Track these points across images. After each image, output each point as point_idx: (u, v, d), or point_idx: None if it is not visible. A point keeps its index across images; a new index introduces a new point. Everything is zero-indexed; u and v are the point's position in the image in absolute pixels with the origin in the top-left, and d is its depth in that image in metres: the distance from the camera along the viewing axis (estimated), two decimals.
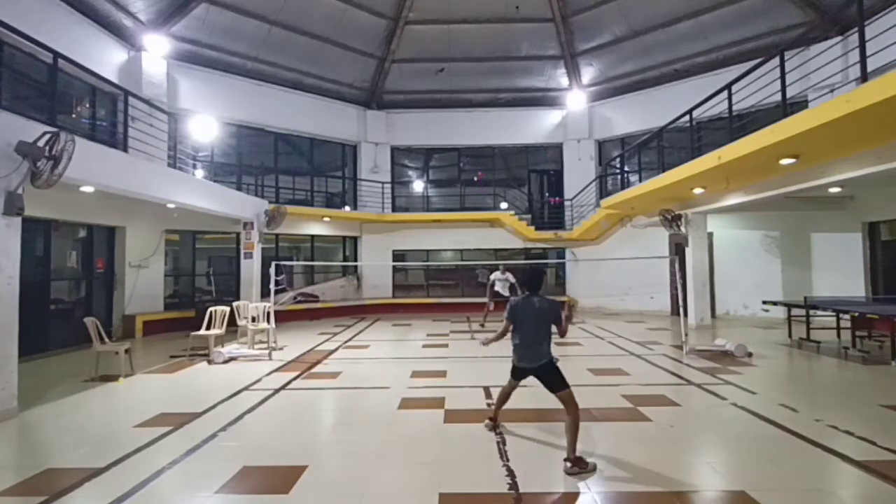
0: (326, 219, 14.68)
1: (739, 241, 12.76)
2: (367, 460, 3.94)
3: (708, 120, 10.26)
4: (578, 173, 15.81)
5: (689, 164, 8.62)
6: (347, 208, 15.69)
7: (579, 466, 3.64)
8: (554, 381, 4.01)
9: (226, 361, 7.81)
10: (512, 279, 11.69)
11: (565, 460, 3.70)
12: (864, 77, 5.14)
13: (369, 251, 15.90)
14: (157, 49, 11.51)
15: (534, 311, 4.11)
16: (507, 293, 11.54)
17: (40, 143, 5.12)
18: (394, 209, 16.10)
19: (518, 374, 4.31)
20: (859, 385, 6.36)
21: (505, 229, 15.58)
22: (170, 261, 12.01)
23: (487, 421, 4.65)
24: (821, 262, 11.69)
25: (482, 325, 11.74)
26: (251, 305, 9.42)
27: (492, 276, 11.96)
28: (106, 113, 10.99)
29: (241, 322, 9.19)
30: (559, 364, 4.12)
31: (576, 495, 3.34)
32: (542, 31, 14.53)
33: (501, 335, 4.37)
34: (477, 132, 16.25)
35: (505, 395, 4.63)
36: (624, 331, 10.89)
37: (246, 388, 6.21)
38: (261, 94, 13.96)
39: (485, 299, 11.99)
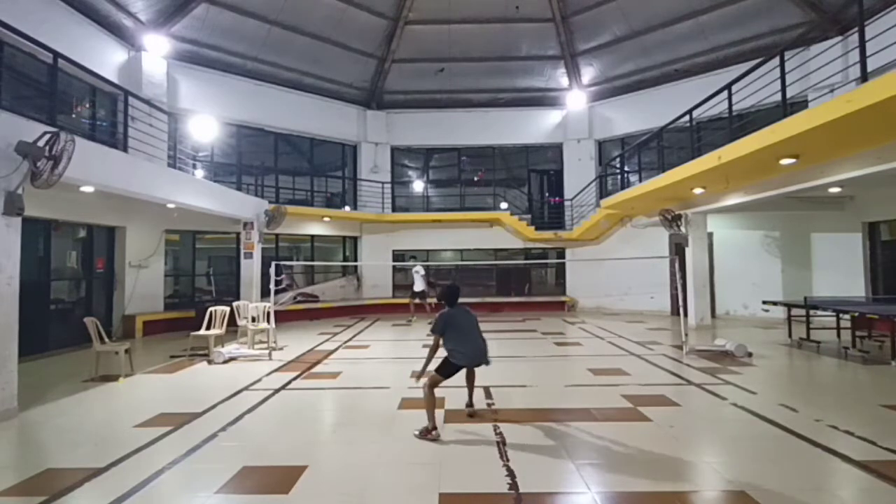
0: (326, 219, 14.68)
1: (739, 241, 12.76)
2: (367, 460, 3.94)
3: (708, 120, 10.26)
4: (578, 173, 15.81)
5: (689, 164, 8.62)
6: (347, 208, 15.69)
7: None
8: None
9: (226, 361, 7.81)
10: (423, 271, 12.34)
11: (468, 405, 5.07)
12: (864, 77, 5.14)
13: (369, 251, 15.90)
14: (157, 49, 11.51)
15: (469, 318, 4.85)
16: (421, 288, 12.27)
17: (40, 143, 5.12)
18: (394, 209, 16.10)
19: (454, 371, 4.71)
20: (859, 385, 6.36)
21: (505, 229, 15.59)
22: (170, 261, 12.00)
23: (433, 432, 4.38)
24: (821, 262, 11.69)
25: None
26: (251, 305, 9.42)
27: (413, 272, 12.48)
28: (106, 113, 10.99)
29: (241, 322, 9.19)
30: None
31: (576, 495, 3.34)
32: (542, 31, 14.53)
33: (434, 349, 4.69)
34: (477, 132, 16.25)
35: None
36: (624, 331, 10.89)
37: (246, 389, 6.21)
38: (261, 94, 13.96)
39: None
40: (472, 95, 16.22)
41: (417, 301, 12.67)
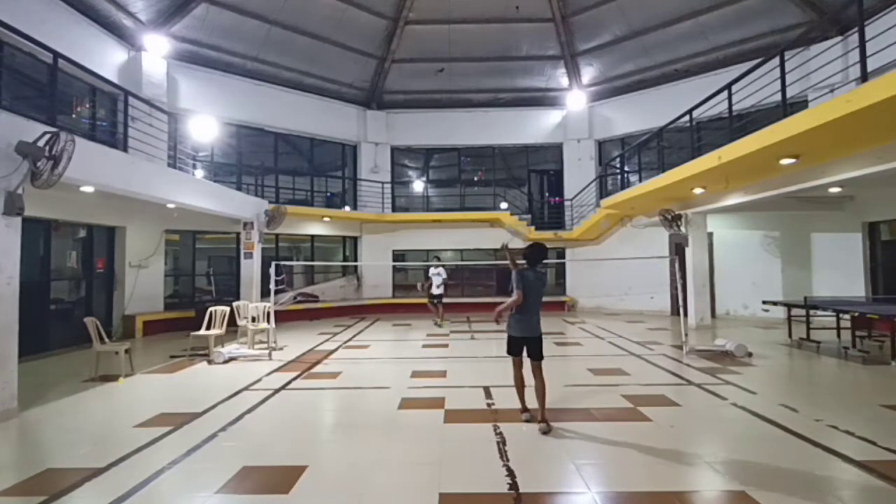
0: (326, 219, 14.68)
1: (739, 241, 12.76)
2: (367, 460, 3.94)
3: (708, 120, 10.26)
4: (578, 173, 15.81)
5: (689, 164, 8.61)
6: (347, 208, 15.69)
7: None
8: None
9: (226, 361, 7.81)
10: (444, 274, 12.16)
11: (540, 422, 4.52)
12: (864, 77, 5.14)
13: (369, 251, 15.90)
14: (157, 49, 11.50)
15: (539, 285, 4.71)
16: (440, 291, 12.06)
17: (40, 143, 5.13)
18: (394, 209, 16.10)
19: (515, 347, 4.72)
20: (859, 385, 6.36)
21: (505, 229, 15.58)
22: (170, 261, 12.00)
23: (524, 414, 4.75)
24: (821, 262, 11.69)
25: (439, 325, 12.09)
26: (251, 305, 9.42)
27: (430, 273, 12.25)
28: (106, 113, 10.99)
29: (241, 322, 9.19)
30: None
31: (576, 495, 3.34)
32: (542, 31, 14.53)
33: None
34: (477, 132, 16.25)
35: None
36: (624, 331, 10.89)
37: (246, 388, 6.21)
38: (261, 94, 13.96)
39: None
40: (472, 95, 16.22)
41: (434, 303, 12.21)
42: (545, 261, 4.91)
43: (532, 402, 4.68)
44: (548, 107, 16.23)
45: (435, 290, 12.05)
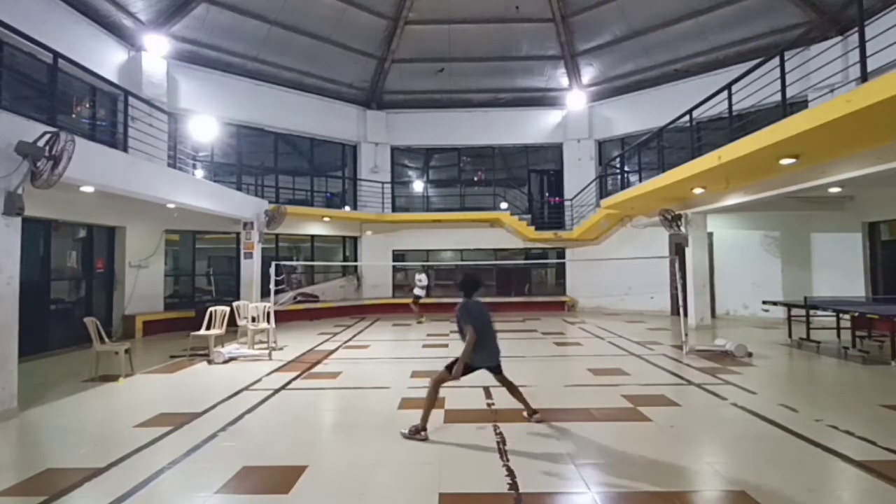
0: (326, 219, 14.68)
1: (739, 241, 12.76)
2: (367, 460, 3.94)
3: (708, 120, 10.26)
4: (578, 173, 15.82)
5: (689, 164, 8.61)
6: (347, 208, 15.69)
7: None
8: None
9: (226, 361, 7.81)
10: (425, 282, 12.96)
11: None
12: (864, 77, 5.14)
13: (369, 251, 15.91)
14: (157, 49, 11.51)
15: (486, 313, 4.63)
16: (420, 294, 12.81)
17: (40, 143, 5.12)
18: (394, 209, 16.11)
19: (468, 372, 4.59)
20: (859, 385, 6.36)
21: (505, 229, 15.59)
22: (170, 261, 12.00)
23: (423, 433, 4.35)
24: (821, 262, 11.69)
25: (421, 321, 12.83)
26: (251, 305, 9.42)
27: (416, 278, 13.07)
28: (106, 113, 10.99)
29: (241, 322, 9.19)
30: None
31: (576, 495, 3.34)
32: (542, 31, 14.53)
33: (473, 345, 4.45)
34: (477, 132, 16.25)
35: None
36: (624, 331, 10.89)
37: (246, 388, 6.21)
38: (261, 94, 13.96)
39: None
40: (472, 95, 16.22)
41: (419, 302, 12.91)
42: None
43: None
44: (548, 107, 16.23)
45: (417, 292, 12.83)
